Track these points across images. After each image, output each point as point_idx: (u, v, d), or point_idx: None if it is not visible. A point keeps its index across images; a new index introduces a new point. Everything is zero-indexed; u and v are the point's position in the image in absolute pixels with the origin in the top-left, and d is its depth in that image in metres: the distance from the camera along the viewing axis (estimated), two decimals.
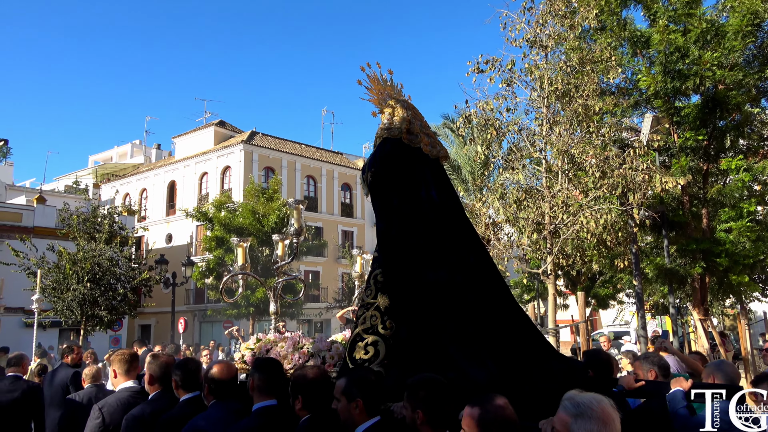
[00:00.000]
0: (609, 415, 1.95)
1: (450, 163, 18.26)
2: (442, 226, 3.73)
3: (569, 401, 2.02)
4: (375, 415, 2.59)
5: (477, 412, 2.21)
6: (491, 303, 3.59)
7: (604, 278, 20.40)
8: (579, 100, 8.03)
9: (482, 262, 3.83)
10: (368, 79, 4.30)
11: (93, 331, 19.33)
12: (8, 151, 42.50)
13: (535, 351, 3.55)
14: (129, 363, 3.91)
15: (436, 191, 3.85)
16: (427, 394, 2.45)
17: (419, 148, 3.91)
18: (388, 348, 3.46)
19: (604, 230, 7.48)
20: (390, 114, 4.11)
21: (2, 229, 23.47)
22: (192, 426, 2.90)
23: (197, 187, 35.28)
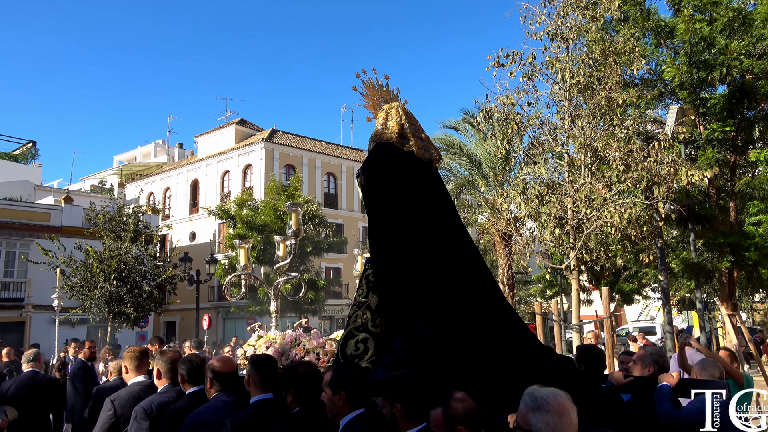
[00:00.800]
0: (565, 408, 2.08)
1: (470, 158, 18.13)
2: (432, 228, 3.83)
3: (528, 396, 2.15)
4: (359, 408, 2.72)
5: (440, 412, 2.37)
6: (480, 302, 3.69)
7: (629, 273, 20.11)
8: (602, 92, 7.89)
9: (472, 263, 3.92)
10: (363, 85, 4.41)
11: (120, 328, 19.70)
12: (36, 153, 43.48)
13: (523, 347, 3.64)
14: (139, 359, 4.12)
15: (427, 193, 3.94)
16: (404, 389, 2.58)
17: (412, 152, 4.00)
18: (377, 345, 3.60)
19: (629, 225, 7.35)
20: (384, 119, 4.21)
21: (31, 229, 24.01)
22: (194, 418, 3.07)
23: (219, 185, 35.66)
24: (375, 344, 3.61)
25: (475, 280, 3.80)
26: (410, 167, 3.95)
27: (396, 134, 4.05)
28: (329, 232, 27.65)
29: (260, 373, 3.12)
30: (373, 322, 3.72)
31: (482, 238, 23.67)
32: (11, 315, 21.47)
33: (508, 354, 3.44)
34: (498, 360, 3.34)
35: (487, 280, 3.95)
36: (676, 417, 3.28)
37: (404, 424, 2.55)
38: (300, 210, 5.46)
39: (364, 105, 4.45)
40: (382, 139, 4.09)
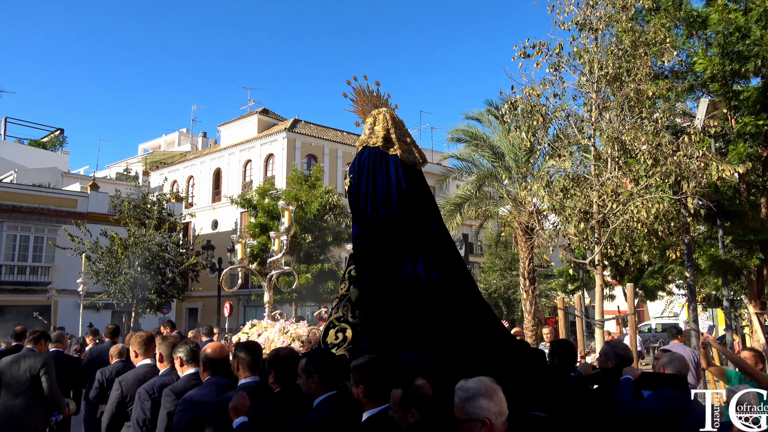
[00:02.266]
0: (491, 388, 2.37)
1: (493, 150, 17.93)
2: (411, 228, 4.06)
3: (459, 390, 2.39)
4: (331, 390, 3.03)
5: (398, 394, 2.65)
6: (456, 299, 3.91)
7: (653, 269, 19.78)
8: (631, 84, 7.70)
9: (450, 262, 4.14)
10: (354, 92, 4.67)
11: (143, 314, 20.05)
12: (64, 140, 44.31)
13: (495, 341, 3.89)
14: (146, 344, 4.51)
15: (409, 195, 4.18)
16: (367, 372, 2.85)
17: (396, 156, 4.25)
18: (355, 334, 3.89)
19: (656, 220, 7.19)
20: (371, 124, 4.46)
21: (59, 215, 24.51)
22: (188, 397, 3.42)
23: (241, 174, 35.94)
24: (353, 334, 3.88)
25: (451, 277, 4.00)
26: (394, 170, 4.21)
27: (381, 138, 4.30)
28: (349, 221, 27.68)
29: (246, 358, 3.44)
30: (353, 314, 3.99)
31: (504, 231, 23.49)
32: (38, 299, 21.99)
33: (479, 347, 3.66)
34: (468, 353, 3.56)
35: (464, 277, 4.19)
36: (635, 408, 3.41)
37: (367, 404, 2.82)
38: (292, 208, 5.89)
39: (354, 111, 4.70)
40: (368, 144, 4.36)
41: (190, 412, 3.34)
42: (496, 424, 2.27)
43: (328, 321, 4.17)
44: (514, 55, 8.40)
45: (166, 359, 4.10)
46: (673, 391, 3.44)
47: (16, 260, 23.60)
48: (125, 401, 4.09)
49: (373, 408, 2.79)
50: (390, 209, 4.12)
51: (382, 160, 4.28)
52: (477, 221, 20.37)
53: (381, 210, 4.13)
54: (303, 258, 23.17)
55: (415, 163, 4.37)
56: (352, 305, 4.05)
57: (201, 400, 3.38)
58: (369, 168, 4.27)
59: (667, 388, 3.46)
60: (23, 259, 23.78)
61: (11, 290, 23.11)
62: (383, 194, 4.19)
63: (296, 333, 4.62)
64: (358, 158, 4.40)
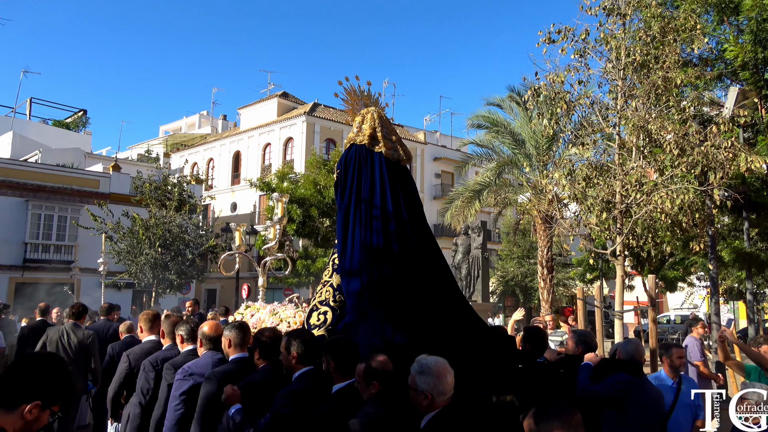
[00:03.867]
0: (443, 372, 2.72)
1: (514, 136, 17.73)
2: (392, 220, 4.35)
3: (416, 363, 2.78)
4: (309, 365, 3.38)
5: (362, 367, 3.00)
6: (430, 285, 4.22)
7: (674, 260, 19.49)
8: (659, 72, 7.51)
9: (428, 253, 4.45)
10: (345, 91, 4.94)
11: (164, 294, 20.36)
12: (87, 121, 44.85)
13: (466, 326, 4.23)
14: (152, 321, 4.97)
15: (391, 189, 4.45)
16: (337, 350, 3.22)
17: (381, 153, 4.53)
18: (335, 316, 4.25)
19: (680, 211, 7.05)
20: (360, 122, 4.74)
21: (82, 195, 24.90)
22: (186, 367, 3.85)
23: (261, 157, 36.09)
24: (333, 316, 4.26)
25: (427, 267, 4.31)
26: (379, 166, 4.50)
27: (368, 137, 4.59)
28: None
29: (236, 336, 3.85)
30: (334, 298, 4.35)
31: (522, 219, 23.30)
32: (62, 277, 22.44)
33: (450, 331, 3.96)
34: (440, 336, 3.86)
35: (442, 268, 4.50)
36: (589, 390, 3.78)
37: (336, 378, 3.17)
38: (285, 200, 6.54)
39: (345, 110, 4.98)
40: (356, 141, 4.66)
41: (187, 381, 3.78)
42: (437, 399, 2.67)
43: (312, 304, 4.51)
44: (539, 41, 8.23)
45: (167, 336, 4.55)
46: (625, 376, 3.74)
47: (40, 239, 24.09)
48: (132, 372, 4.47)
49: (342, 381, 3.14)
50: (372, 202, 4.41)
51: (367, 156, 4.56)
52: (496, 208, 20.21)
53: (364, 203, 4.42)
54: (321, 242, 23.27)
55: (399, 160, 4.64)
56: (333, 290, 4.40)
57: (196, 371, 3.81)
58: (355, 164, 4.56)
59: (620, 373, 3.77)
60: (47, 237, 24.25)
61: (36, 268, 23.63)
62: (367, 188, 4.47)
63: (285, 315, 5.05)
64: (346, 154, 4.71)
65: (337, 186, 4.71)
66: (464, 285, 14.66)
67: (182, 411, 3.68)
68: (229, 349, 3.88)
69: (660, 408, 3.85)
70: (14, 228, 23.06)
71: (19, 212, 23.62)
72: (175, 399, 3.74)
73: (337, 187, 4.74)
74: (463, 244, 15.27)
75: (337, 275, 4.44)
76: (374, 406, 2.84)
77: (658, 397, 3.87)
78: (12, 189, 23.62)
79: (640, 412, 3.62)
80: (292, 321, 4.83)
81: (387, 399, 2.87)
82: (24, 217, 23.71)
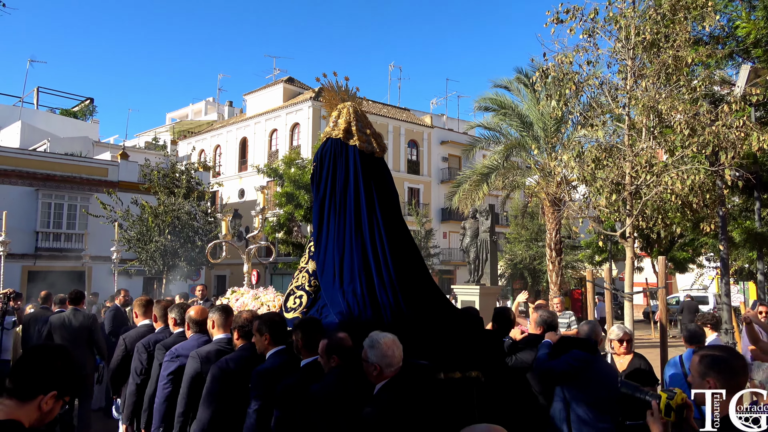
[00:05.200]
0: (390, 346, 3.07)
1: (521, 119, 17.60)
2: (364, 210, 4.59)
3: (368, 338, 3.14)
4: (281, 345, 3.72)
5: (324, 343, 3.33)
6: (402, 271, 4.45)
7: (683, 241, 19.38)
8: (669, 50, 7.40)
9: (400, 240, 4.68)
10: (323, 88, 5.19)
11: (174, 281, 20.52)
12: (94, 110, 44.92)
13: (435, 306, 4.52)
14: (145, 306, 5.33)
15: (364, 181, 4.66)
16: (304, 329, 3.56)
17: (355, 146, 4.74)
18: (310, 300, 4.55)
19: (691, 192, 6.98)
20: (336, 117, 4.96)
21: (91, 183, 25.03)
22: (174, 349, 4.25)
23: (267, 143, 36.07)
24: (308, 300, 4.56)
25: (398, 254, 4.54)
26: (352, 158, 4.72)
27: (343, 131, 4.79)
28: None
29: (219, 318, 4.23)
30: (309, 283, 4.64)
31: (530, 202, 23.23)
32: (73, 265, 22.66)
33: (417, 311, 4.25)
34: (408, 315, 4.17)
35: (412, 254, 4.76)
36: (546, 367, 4.10)
37: (305, 354, 3.52)
38: (267, 191, 6.67)
39: (323, 105, 5.21)
40: (332, 135, 4.87)
41: (174, 362, 4.15)
42: (385, 371, 3.03)
43: (289, 289, 4.79)
44: (547, 21, 8.12)
45: (160, 319, 4.96)
46: (580, 353, 4.04)
47: (51, 227, 24.29)
48: (129, 354, 4.86)
49: (309, 357, 3.49)
50: (346, 193, 4.65)
51: (342, 149, 4.78)
52: (504, 191, 20.16)
53: (339, 194, 4.67)
54: None
55: (374, 153, 4.85)
56: (309, 275, 4.69)
57: (182, 353, 4.17)
58: (330, 157, 4.79)
59: (575, 350, 4.07)
60: (58, 226, 24.45)
61: (48, 256, 23.86)
62: (342, 180, 4.70)
63: (265, 299, 5.35)
64: (322, 148, 4.94)
65: (314, 178, 4.95)
66: (473, 269, 14.63)
67: (170, 389, 4.07)
68: (213, 330, 4.26)
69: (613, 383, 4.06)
70: (25, 217, 23.25)
71: (29, 201, 23.81)
72: (164, 378, 4.13)
73: (313, 179, 4.97)
74: (471, 228, 15.21)
75: (312, 261, 4.72)
76: (332, 377, 3.19)
77: (611, 373, 4.22)
78: (22, 178, 23.79)
79: (595, 386, 3.95)
80: (272, 305, 5.07)
81: (345, 371, 3.20)
82: (34, 206, 23.90)
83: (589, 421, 3.88)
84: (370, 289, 4.28)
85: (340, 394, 3.07)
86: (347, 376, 3.17)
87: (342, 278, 4.39)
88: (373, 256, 4.44)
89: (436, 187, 39.66)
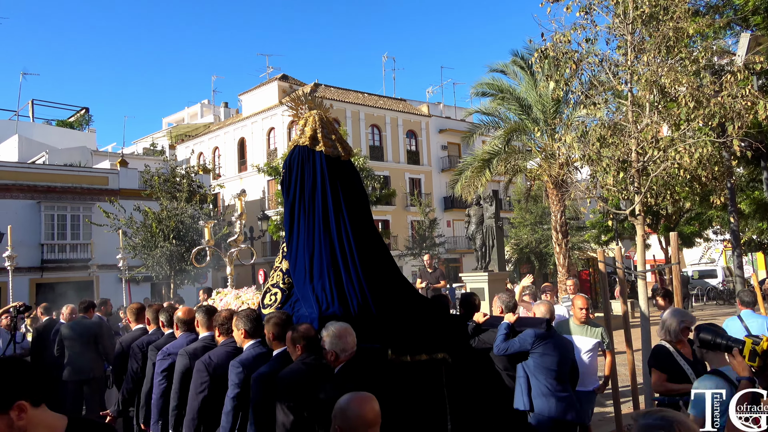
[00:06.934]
0: (343, 334, 3.54)
1: (520, 102, 17.47)
2: (331, 211, 4.90)
3: (324, 328, 3.63)
4: (256, 338, 4.08)
5: (289, 335, 3.71)
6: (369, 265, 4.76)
7: (690, 215, 19.28)
8: (669, 23, 7.27)
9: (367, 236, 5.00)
10: (290, 99, 5.50)
11: (182, 285, 20.52)
12: (90, 119, 44.85)
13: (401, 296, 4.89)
14: (137, 313, 5.84)
15: (330, 184, 4.97)
16: (275, 323, 3.91)
17: (321, 152, 5.06)
18: (284, 296, 4.87)
19: (699, 165, 6.88)
20: (302, 125, 5.28)
21: (92, 192, 25.01)
22: (165, 349, 4.71)
23: (266, 142, 35.98)
24: (282, 296, 4.87)
25: (365, 249, 4.85)
26: (319, 164, 5.03)
27: (309, 138, 5.11)
28: (376, 184, 27.61)
29: (203, 318, 4.67)
30: (283, 281, 4.95)
31: (533, 185, 23.11)
32: (80, 275, 22.68)
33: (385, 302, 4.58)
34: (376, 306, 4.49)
35: (379, 248, 5.11)
36: (504, 345, 4.52)
37: (276, 345, 3.89)
38: (244, 197, 7.53)
39: (290, 115, 5.55)
40: (299, 143, 5.18)
41: (166, 360, 4.60)
42: (340, 355, 3.49)
43: (265, 287, 5.13)
44: (542, 0, 8.00)
45: (152, 322, 5.47)
46: (533, 331, 4.47)
47: (56, 239, 24.29)
48: (125, 355, 5.37)
49: (279, 348, 3.87)
50: (314, 196, 4.97)
51: (309, 156, 5.08)
52: (506, 176, 20.03)
53: (307, 197, 4.99)
54: None
55: (339, 156, 5.15)
56: (283, 274, 5.00)
57: (173, 351, 4.60)
58: (298, 163, 5.08)
59: (528, 330, 4.51)
60: (62, 237, 24.46)
61: (54, 268, 23.88)
62: (309, 184, 5.01)
63: (246, 297, 5.77)
64: (290, 156, 5.24)
65: (283, 184, 5.25)
66: (480, 255, 14.57)
67: (165, 385, 4.54)
68: (198, 329, 4.71)
69: (569, 355, 4.64)
70: (29, 230, 23.24)
71: (32, 214, 23.80)
72: (158, 375, 4.60)
73: (283, 185, 5.28)
74: (475, 215, 15.14)
75: (286, 261, 5.05)
76: (297, 364, 3.62)
77: (567, 346, 4.71)
78: (23, 192, 23.76)
79: (550, 359, 4.40)
80: (251, 303, 5.48)
81: (308, 358, 3.61)
82: (38, 218, 23.88)
83: (550, 390, 4.37)
84: (338, 284, 4.60)
85: (303, 378, 3.46)
86: (310, 362, 3.57)
87: (312, 275, 4.72)
88: (340, 254, 4.76)
89: (437, 176, 39.55)
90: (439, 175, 39.52)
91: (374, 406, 2.39)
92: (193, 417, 4.08)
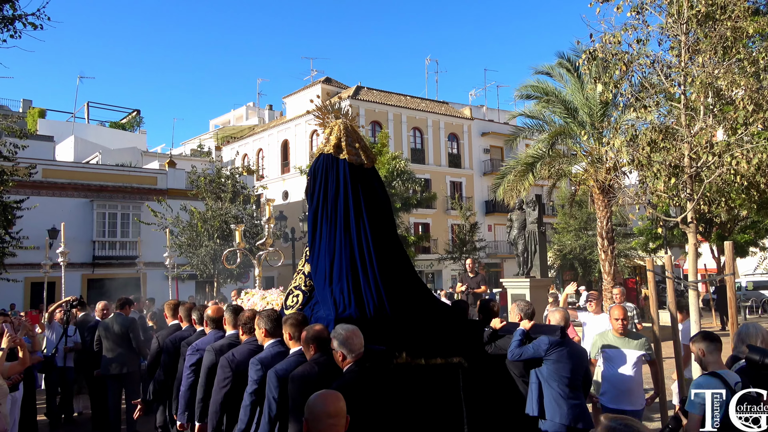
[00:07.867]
0: (351, 336, 3.63)
1: (565, 105, 17.08)
2: (351, 217, 5.03)
3: (333, 330, 3.76)
4: (276, 337, 4.28)
5: (305, 334, 3.88)
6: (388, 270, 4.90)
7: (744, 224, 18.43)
8: (726, 22, 6.96)
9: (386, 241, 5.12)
10: (317, 108, 5.63)
11: (225, 283, 20.94)
12: (141, 121, 46.36)
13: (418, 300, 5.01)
14: (173, 309, 6.26)
15: (353, 191, 5.11)
16: (292, 323, 4.09)
17: (345, 159, 5.20)
18: (305, 298, 5.03)
19: (758, 171, 6.56)
20: (328, 134, 5.44)
21: (141, 192, 25.83)
22: (194, 344, 5.01)
23: (308, 144, 36.41)
24: (304, 298, 5.04)
25: (385, 254, 4.99)
26: (342, 171, 5.17)
27: (333, 146, 5.28)
28: (417, 187, 27.53)
29: (230, 317, 4.92)
30: (305, 283, 5.13)
31: (578, 190, 22.55)
32: (129, 272, 23.44)
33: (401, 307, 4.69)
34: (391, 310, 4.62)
35: (399, 254, 5.25)
36: (517, 351, 4.54)
37: (293, 344, 4.06)
38: (272, 203, 7.89)
39: (317, 124, 5.67)
40: (324, 151, 5.35)
41: (194, 355, 4.87)
42: (348, 356, 3.60)
43: (288, 288, 5.32)
44: (591, 0, 7.78)
45: (185, 319, 5.80)
46: (547, 338, 4.50)
47: (106, 236, 25.20)
48: (161, 349, 5.72)
49: (296, 347, 4.02)
50: (337, 203, 5.10)
51: (333, 163, 5.23)
52: (550, 181, 19.61)
53: (330, 203, 5.12)
54: None
55: (362, 164, 5.28)
56: (305, 276, 5.17)
57: (201, 347, 4.86)
58: (322, 171, 5.25)
59: (542, 336, 4.54)
60: (113, 235, 25.35)
61: (104, 264, 24.77)
62: (332, 191, 5.16)
63: (271, 299, 5.97)
64: (315, 163, 5.41)
65: (308, 191, 5.44)
66: (522, 261, 14.30)
67: (192, 378, 4.81)
68: (226, 327, 4.96)
69: (583, 363, 4.70)
70: (83, 227, 24.20)
71: (85, 212, 24.76)
72: (187, 369, 4.89)
73: (307, 191, 5.46)
74: (518, 220, 14.88)
75: (308, 264, 5.22)
76: (310, 363, 3.79)
77: (581, 354, 4.76)
78: (77, 190, 24.76)
79: (564, 367, 4.45)
80: (275, 304, 5.68)
81: (321, 357, 3.78)
82: (90, 216, 24.84)
83: (562, 397, 4.43)
84: (356, 287, 4.74)
85: (314, 377, 3.65)
86: (322, 362, 3.74)
87: (332, 278, 4.87)
88: (359, 258, 4.89)
89: (479, 179, 39.17)
90: (480, 179, 39.13)
91: (337, 402, 2.57)
92: (216, 410, 4.32)
